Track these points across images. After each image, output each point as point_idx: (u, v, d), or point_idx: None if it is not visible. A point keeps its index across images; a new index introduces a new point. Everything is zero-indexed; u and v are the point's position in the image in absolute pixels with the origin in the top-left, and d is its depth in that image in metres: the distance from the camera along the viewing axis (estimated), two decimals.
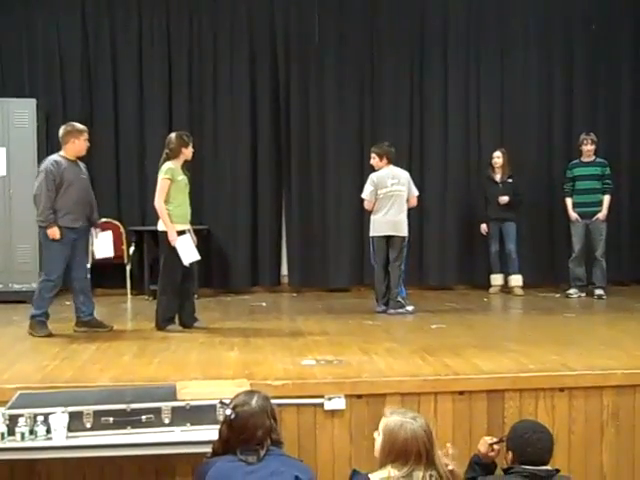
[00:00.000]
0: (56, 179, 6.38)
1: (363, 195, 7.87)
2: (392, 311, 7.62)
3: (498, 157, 9.20)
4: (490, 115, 9.86)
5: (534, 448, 3.56)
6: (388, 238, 7.74)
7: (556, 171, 9.74)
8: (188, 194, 6.84)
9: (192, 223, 6.97)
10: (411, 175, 8.04)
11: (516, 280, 9.18)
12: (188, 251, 6.60)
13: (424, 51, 9.79)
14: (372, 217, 7.84)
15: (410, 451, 3.24)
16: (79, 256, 6.62)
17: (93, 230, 6.81)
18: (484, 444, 3.88)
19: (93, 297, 6.82)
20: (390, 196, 7.72)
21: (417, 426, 3.30)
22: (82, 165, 6.74)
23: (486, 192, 9.30)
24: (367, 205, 7.85)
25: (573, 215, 8.98)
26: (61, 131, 6.66)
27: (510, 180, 9.18)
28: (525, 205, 9.35)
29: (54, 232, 6.36)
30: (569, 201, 9.02)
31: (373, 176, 7.82)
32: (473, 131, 9.85)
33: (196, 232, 6.94)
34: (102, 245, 6.96)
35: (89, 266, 8.69)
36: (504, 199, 9.05)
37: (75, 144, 6.57)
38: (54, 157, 6.53)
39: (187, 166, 6.96)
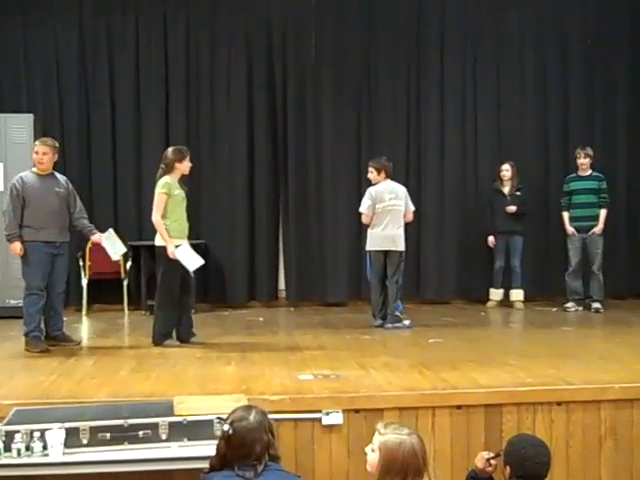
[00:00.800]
0: (19, 195, 6.44)
1: (361, 209, 7.85)
2: (390, 325, 7.61)
3: (507, 170, 9.22)
4: (487, 129, 9.90)
5: (532, 462, 3.55)
6: (385, 253, 7.73)
7: (553, 185, 9.77)
8: (185, 208, 6.84)
9: (189, 238, 6.95)
10: (408, 189, 8.05)
11: (518, 294, 9.19)
12: (191, 258, 6.59)
13: (420, 66, 9.83)
14: (369, 231, 7.84)
15: (409, 468, 3.23)
16: (58, 272, 6.63)
17: (95, 237, 6.81)
18: (481, 459, 3.87)
19: (90, 312, 6.80)
20: (388, 211, 7.73)
21: (415, 442, 3.30)
22: (61, 179, 6.74)
23: (493, 205, 9.30)
24: (365, 219, 7.84)
25: (569, 229, 9.00)
26: None
27: (518, 193, 9.20)
28: (526, 218, 9.36)
29: (15, 247, 6.44)
30: (566, 215, 9.05)
31: (371, 190, 7.81)
32: (470, 146, 9.88)
33: (193, 247, 6.93)
34: (113, 246, 6.91)
35: (86, 282, 8.76)
36: (511, 208, 9.05)
37: (34, 158, 6.63)
38: (22, 173, 6.62)
39: (184, 181, 6.97)
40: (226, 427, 3.44)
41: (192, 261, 6.58)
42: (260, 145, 9.61)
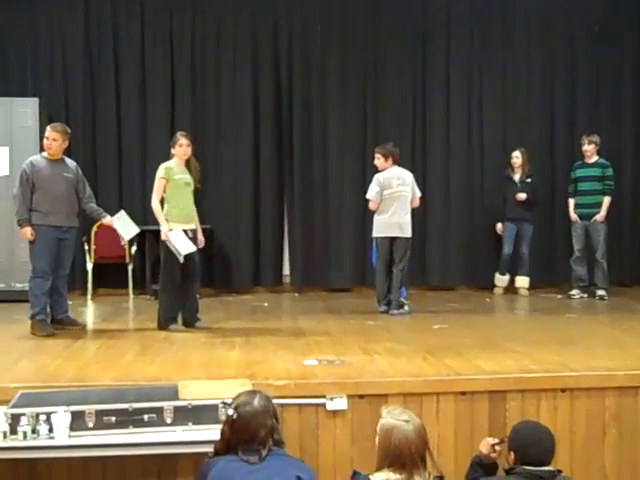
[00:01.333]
0: (29, 179, 6.47)
1: (369, 195, 7.79)
2: (395, 312, 7.61)
3: (517, 157, 9.20)
4: (493, 115, 9.87)
5: (536, 449, 3.56)
6: (392, 239, 7.70)
7: (558, 172, 9.76)
8: (191, 193, 6.83)
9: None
10: (414, 175, 8.02)
11: (523, 281, 9.19)
12: (181, 244, 6.57)
13: (427, 51, 9.80)
14: (376, 217, 7.77)
15: (403, 455, 3.22)
16: (63, 256, 6.67)
17: (106, 220, 6.83)
18: (485, 445, 3.87)
19: (95, 297, 6.81)
20: (396, 197, 7.70)
21: (410, 429, 3.28)
22: (71, 164, 6.77)
23: (504, 191, 9.28)
24: (372, 205, 7.78)
25: (573, 216, 9.00)
26: None
27: (529, 180, 9.17)
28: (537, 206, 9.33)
29: (25, 232, 6.47)
30: (571, 202, 9.04)
31: (379, 176, 7.76)
32: (476, 132, 9.86)
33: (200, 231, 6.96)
34: (125, 227, 6.92)
35: (90, 266, 8.77)
36: (521, 196, 9.03)
37: (44, 143, 6.66)
38: (32, 157, 6.67)
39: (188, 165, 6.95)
40: (230, 412, 3.45)
41: (182, 247, 6.57)
42: (266, 130, 9.59)
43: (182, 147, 6.77)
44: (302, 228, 9.64)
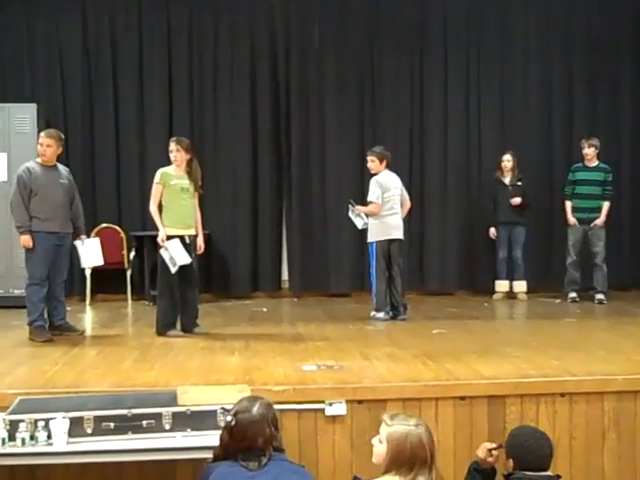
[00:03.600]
0: (27, 186, 6.43)
1: (372, 198, 7.62)
2: (404, 316, 7.58)
3: (508, 160, 9.18)
4: (491, 118, 9.87)
5: (535, 455, 3.55)
6: (389, 242, 7.64)
7: (556, 175, 9.77)
8: (189, 199, 6.81)
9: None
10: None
11: (520, 286, 9.18)
12: (177, 254, 6.57)
13: (424, 51, 9.80)
14: (375, 222, 7.65)
15: (417, 459, 3.23)
16: (60, 262, 6.65)
17: (78, 242, 6.84)
18: (483, 449, 3.87)
19: (93, 302, 6.80)
20: (395, 200, 7.69)
21: (422, 432, 3.29)
22: (63, 170, 6.76)
23: (495, 195, 9.27)
24: (376, 208, 7.60)
25: (571, 219, 8.96)
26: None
27: (519, 183, 9.17)
28: (529, 209, 9.32)
29: (27, 240, 6.43)
30: (569, 204, 9.01)
31: (379, 179, 7.67)
32: (473, 134, 9.86)
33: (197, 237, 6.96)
34: (89, 253, 6.96)
35: (89, 273, 8.76)
36: (516, 200, 9.02)
37: (38, 149, 6.61)
38: (28, 164, 6.58)
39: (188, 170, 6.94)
40: (229, 418, 3.44)
41: (178, 257, 6.58)
42: (263, 135, 9.59)
43: (171, 153, 6.76)
44: (300, 233, 9.64)
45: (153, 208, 6.70)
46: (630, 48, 9.98)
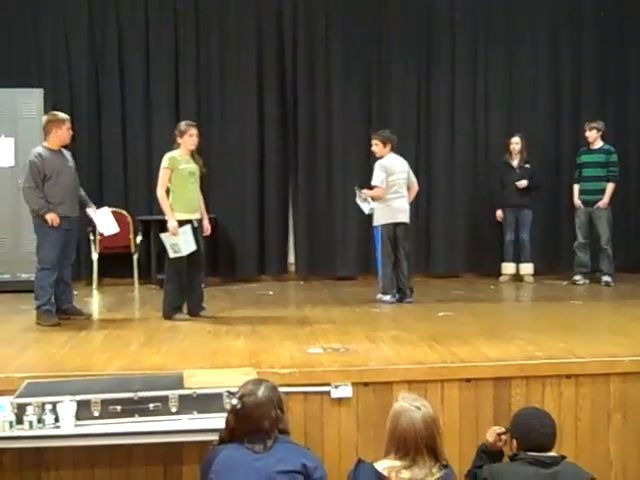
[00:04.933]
0: (41, 171, 6.40)
1: (376, 182, 7.58)
2: (411, 299, 7.60)
3: (517, 142, 9.15)
4: (498, 101, 9.84)
5: (537, 433, 3.57)
6: (395, 226, 7.61)
7: (563, 158, 9.75)
8: (196, 182, 6.82)
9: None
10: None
11: (527, 268, 9.18)
12: (185, 242, 6.59)
13: (432, 36, 9.76)
14: (381, 205, 7.60)
15: (408, 441, 3.22)
16: (69, 245, 6.67)
17: (90, 210, 6.84)
18: (492, 433, 3.88)
19: (100, 286, 6.82)
20: (400, 183, 7.64)
21: (418, 416, 3.27)
22: (67, 154, 6.74)
23: (503, 178, 9.24)
24: (380, 192, 7.56)
25: (576, 202, 8.98)
26: (43, 121, 6.67)
27: (527, 165, 9.14)
28: (536, 192, 9.29)
29: (54, 217, 6.39)
30: (576, 188, 9.02)
31: (383, 162, 7.63)
32: (480, 117, 9.83)
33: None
34: (105, 222, 6.95)
35: (96, 256, 8.79)
36: (523, 183, 9.00)
37: (57, 134, 6.54)
38: (38, 149, 6.52)
39: (200, 154, 6.95)
40: (235, 401, 3.46)
41: (186, 244, 6.59)
42: (270, 119, 9.57)
43: (192, 137, 6.74)
44: (307, 216, 9.64)
45: (161, 193, 6.66)
46: (639, 29, 9.89)
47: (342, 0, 9.64)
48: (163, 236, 6.64)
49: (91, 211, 6.86)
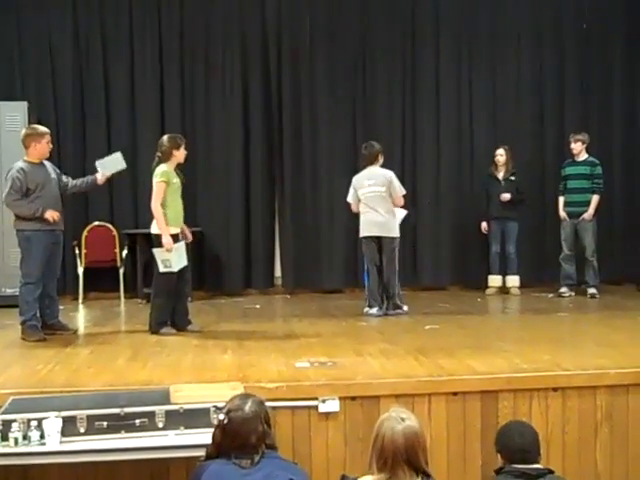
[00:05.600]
0: (23, 186, 6.35)
1: (347, 198, 7.91)
2: (392, 312, 7.60)
3: (501, 155, 9.18)
4: (483, 114, 9.89)
5: (516, 444, 3.56)
6: (378, 239, 7.67)
7: (548, 170, 9.79)
8: (181, 196, 6.82)
9: (186, 225, 6.98)
10: (404, 174, 8.06)
11: (513, 281, 9.20)
12: (178, 258, 6.58)
13: (416, 49, 9.81)
14: (360, 219, 7.80)
15: (386, 452, 3.14)
16: (54, 260, 6.62)
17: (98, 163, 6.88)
18: None
19: (86, 301, 6.78)
20: (371, 197, 7.65)
21: (399, 427, 3.15)
22: (49, 165, 6.68)
23: (488, 190, 9.27)
24: (352, 207, 7.89)
25: (562, 214, 9.02)
26: (22, 135, 6.62)
27: (513, 178, 9.17)
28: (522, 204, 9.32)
29: (52, 213, 6.36)
30: (561, 200, 9.06)
31: (353, 178, 7.86)
32: (465, 130, 9.87)
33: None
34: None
35: (81, 271, 8.75)
36: (506, 196, 9.03)
37: (37, 148, 6.50)
38: (19, 164, 6.45)
39: (180, 168, 6.94)
40: (222, 416, 3.44)
41: (179, 260, 6.57)
42: (255, 132, 9.58)
43: (184, 151, 6.80)
44: (293, 229, 9.64)
45: (158, 207, 6.57)
46: (621, 43, 9.99)
47: (327, 16, 9.68)
48: (156, 251, 6.59)
49: (100, 177, 6.85)
